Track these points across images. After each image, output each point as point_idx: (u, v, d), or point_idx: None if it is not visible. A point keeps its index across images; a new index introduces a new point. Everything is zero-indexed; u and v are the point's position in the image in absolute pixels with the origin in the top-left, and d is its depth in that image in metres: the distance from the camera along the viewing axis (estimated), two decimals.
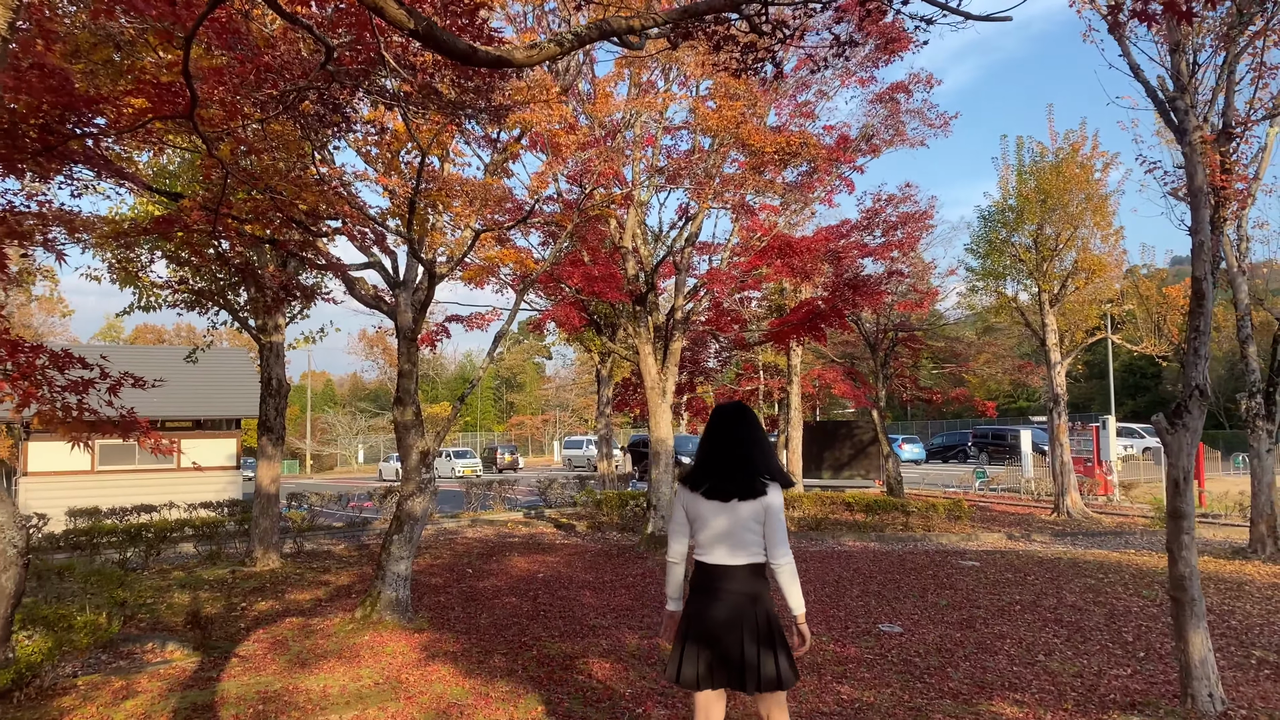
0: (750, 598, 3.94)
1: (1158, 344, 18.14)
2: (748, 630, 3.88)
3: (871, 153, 13.84)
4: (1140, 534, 15.76)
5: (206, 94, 4.06)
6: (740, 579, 3.95)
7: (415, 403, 8.88)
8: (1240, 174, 9.29)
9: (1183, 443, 5.88)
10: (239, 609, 9.83)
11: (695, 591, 4.04)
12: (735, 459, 4.03)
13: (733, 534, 3.94)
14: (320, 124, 4.88)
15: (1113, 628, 8.33)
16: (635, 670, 6.98)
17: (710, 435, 4.17)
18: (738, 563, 3.95)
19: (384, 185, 7.02)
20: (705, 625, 3.93)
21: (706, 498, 4.00)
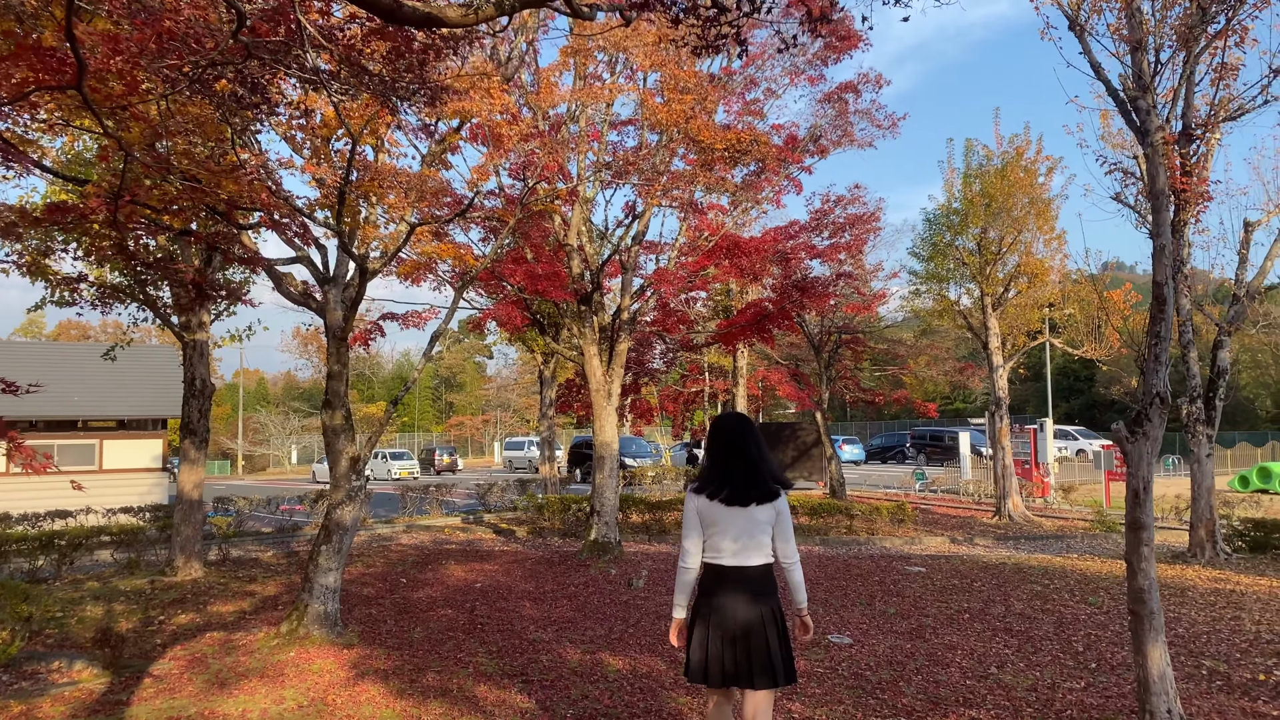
0: (766, 596, 4.22)
1: (1098, 348, 18.29)
2: (769, 626, 4.18)
3: (820, 153, 13.67)
4: (1081, 538, 15.83)
5: (101, 65, 3.64)
6: (757, 579, 4.22)
7: (345, 406, 8.43)
8: (1201, 177, 9.26)
9: (1143, 451, 5.71)
10: (156, 623, 9.27)
11: (713, 594, 4.25)
12: (749, 467, 4.24)
13: (748, 535, 4.20)
14: (239, 105, 4.47)
15: (1062, 636, 8.20)
16: (577, 688, 6.64)
17: (720, 445, 4.36)
18: (755, 563, 4.21)
19: (312, 174, 6.59)
20: (728, 625, 4.16)
21: (726, 504, 4.19)
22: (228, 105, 4.52)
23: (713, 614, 4.21)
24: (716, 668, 4.15)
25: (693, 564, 4.31)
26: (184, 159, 5.21)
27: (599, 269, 12.12)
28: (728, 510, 4.19)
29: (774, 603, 4.24)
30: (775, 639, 4.18)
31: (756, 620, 4.15)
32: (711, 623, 4.20)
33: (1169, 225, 5.66)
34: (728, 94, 12.07)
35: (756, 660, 4.12)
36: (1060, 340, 19.27)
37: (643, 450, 38.70)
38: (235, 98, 4.25)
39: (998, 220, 17.38)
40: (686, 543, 4.33)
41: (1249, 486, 25.06)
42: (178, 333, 11.83)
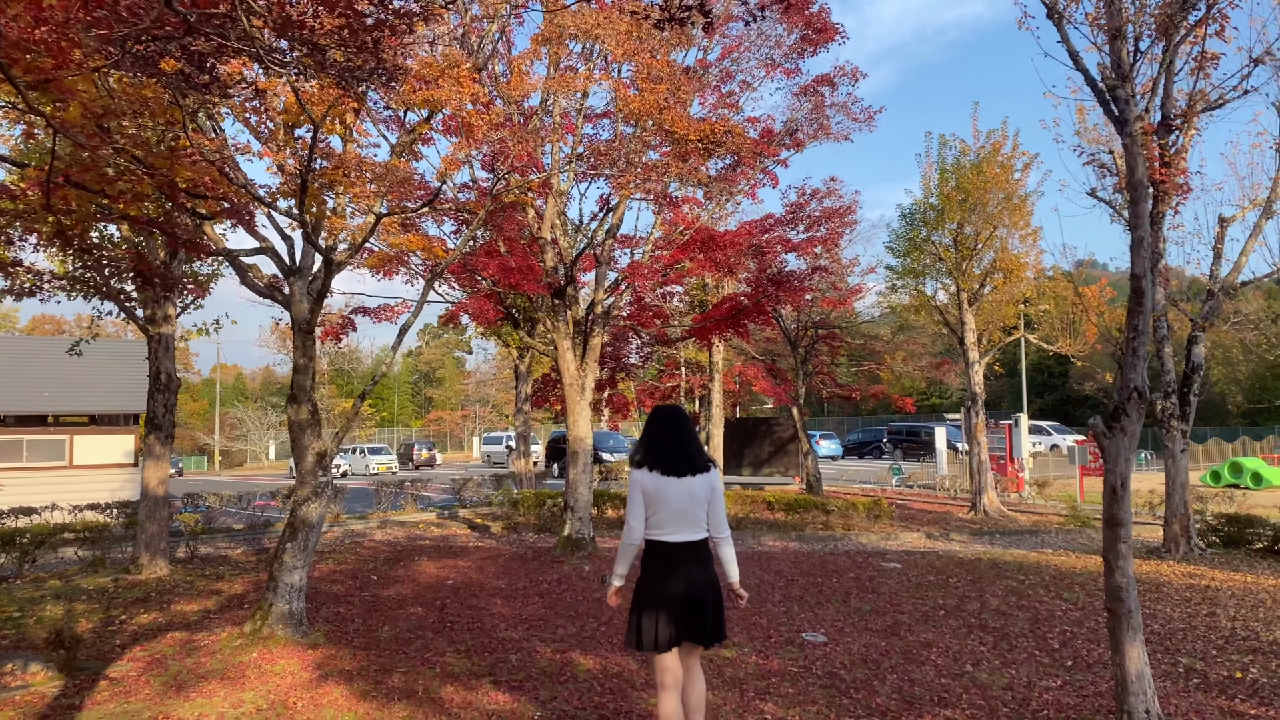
0: (706, 567, 4.70)
1: (1073, 344, 18.31)
2: (710, 595, 4.67)
3: (796, 147, 13.57)
4: (1055, 533, 15.84)
5: (24, 34, 3.45)
6: (697, 552, 4.68)
7: (311, 400, 8.24)
8: (1180, 168, 9.20)
9: (1120, 447, 5.63)
10: (117, 623, 9.05)
11: (656, 569, 4.68)
12: (684, 445, 4.75)
13: (688, 513, 4.62)
14: (186, 85, 4.27)
15: (1038, 634, 8.14)
16: (546, 689, 6.50)
17: (660, 430, 4.82)
18: (695, 538, 4.67)
19: (272, 160, 6.39)
20: (674, 595, 4.60)
21: (664, 475, 4.61)
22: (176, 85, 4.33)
23: (660, 587, 4.63)
24: (666, 635, 4.59)
25: (637, 538, 4.69)
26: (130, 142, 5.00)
27: (573, 262, 11.97)
28: (668, 481, 4.61)
29: (712, 571, 4.74)
30: (716, 604, 4.72)
31: (699, 588, 4.63)
32: (660, 595, 4.62)
33: (1148, 217, 5.58)
34: (703, 87, 11.94)
35: (710, 621, 4.67)
36: (1035, 336, 19.29)
37: (620, 445, 38.56)
38: (183, 76, 4.07)
39: (974, 216, 17.34)
40: (632, 519, 4.67)
41: (1221, 482, 25.25)
42: (142, 326, 11.58)
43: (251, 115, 6.10)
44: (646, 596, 4.68)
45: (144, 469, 11.44)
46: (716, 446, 20.59)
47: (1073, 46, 5.84)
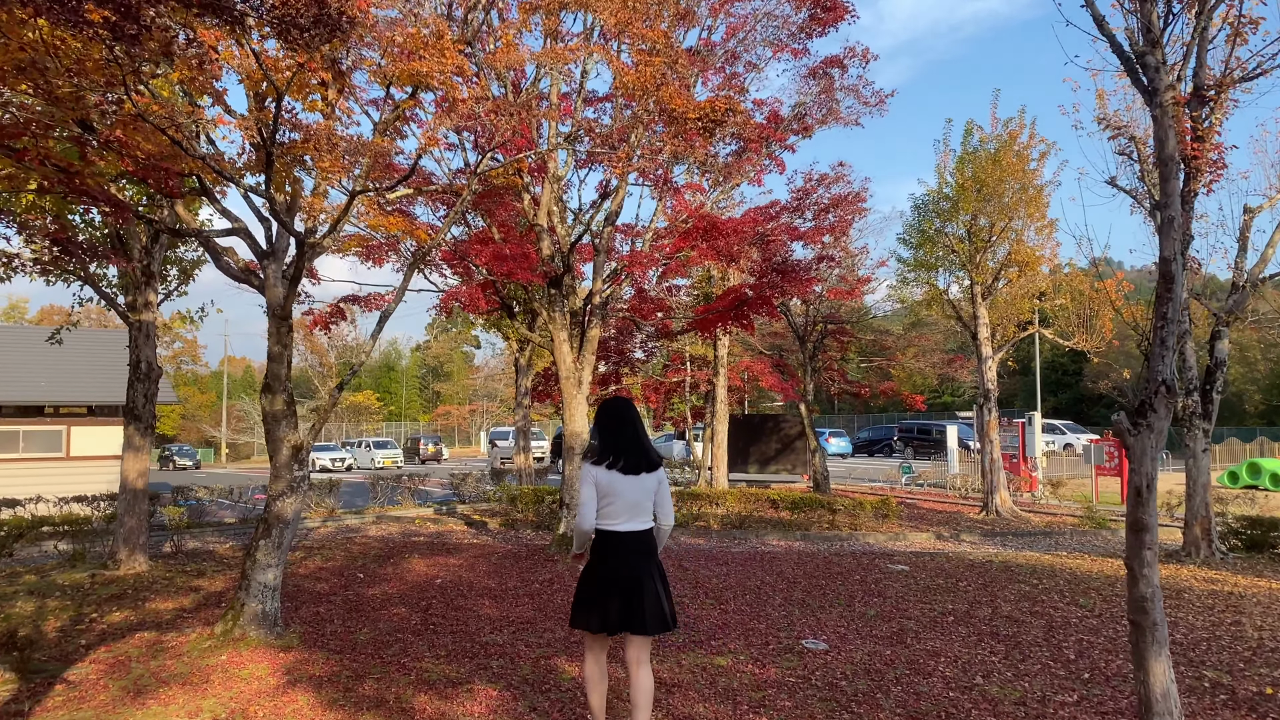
0: (651, 555, 4.94)
1: (1090, 339, 17.77)
2: (658, 581, 4.90)
3: (804, 132, 13.09)
4: (1070, 534, 15.35)
5: None
6: (645, 541, 4.92)
7: (287, 390, 7.83)
8: (1213, 143, 8.66)
9: (1146, 445, 5.15)
10: (87, 621, 8.66)
11: (606, 556, 4.88)
12: (639, 441, 4.94)
13: (639, 504, 4.87)
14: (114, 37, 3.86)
15: (1053, 643, 7.68)
16: (527, 699, 6.08)
17: (614, 424, 4.99)
18: (643, 528, 4.91)
19: (226, 126, 5.96)
20: (622, 580, 4.80)
21: (623, 474, 4.82)
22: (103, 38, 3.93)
23: (608, 573, 4.84)
24: (612, 618, 4.77)
25: (589, 528, 4.88)
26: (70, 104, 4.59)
27: (570, 250, 11.52)
28: (624, 479, 4.82)
29: (657, 560, 4.99)
30: (662, 591, 4.91)
31: (646, 576, 4.84)
32: (606, 580, 4.83)
33: (1178, 195, 5.10)
34: (706, 68, 11.47)
35: (650, 610, 4.79)
36: (1050, 332, 18.75)
37: None
38: (110, 26, 3.66)
39: (988, 207, 16.83)
40: (586, 509, 4.84)
41: (1238, 482, 24.71)
42: (122, 313, 11.20)
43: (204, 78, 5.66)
44: (593, 581, 4.91)
45: (123, 460, 11.05)
46: (721, 443, 20.12)
47: (1098, 10, 5.36)
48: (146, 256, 10.70)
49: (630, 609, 4.77)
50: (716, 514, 15.58)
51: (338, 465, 47.62)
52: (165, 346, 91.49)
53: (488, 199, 12.04)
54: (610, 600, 4.79)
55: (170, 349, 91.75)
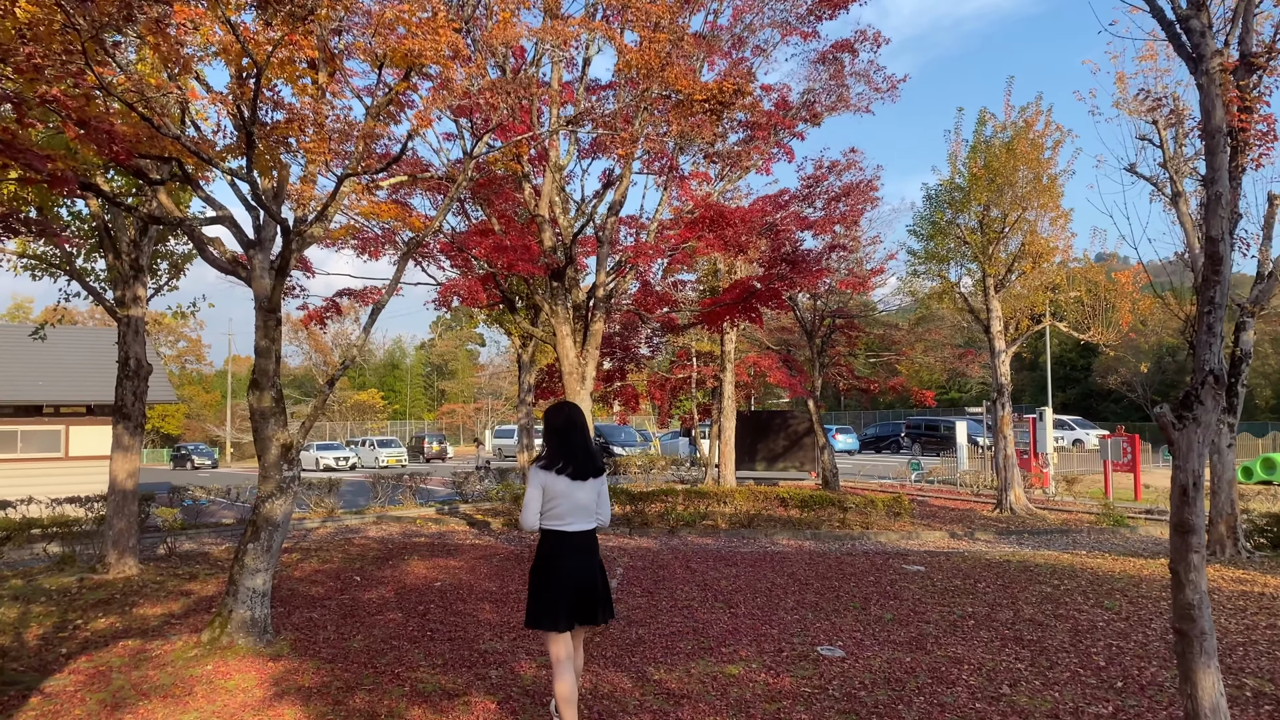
0: (595, 553, 5.28)
1: (1105, 332, 17.34)
2: (600, 577, 5.25)
3: (813, 119, 12.69)
4: (1087, 532, 14.95)
5: None
6: (591, 539, 5.26)
7: (276, 387, 7.47)
8: (1262, 114, 8.22)
9: (1193, 440, 4.77)
10: (71, 628, 8.32)
11: (556, 555, 5.12)
12: (586, 447, 5.21)
13: (588, 506, 5.17)
14: None
15: (1080, 648, 7.29)
16: (525, 712, 5.72)
17: (565, 430, 5.22)
18: (591, 527, 5.22)
19: (203, 102, 5.60)
20: (576, 579, 5.10)
21: (573, 479, 5.09)
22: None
23: (560, 573, 5.09)
24: (564, 616, 5.03)
25: (534, 528, 5.13)
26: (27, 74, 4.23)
27: (572, 241, 11.13)
28: (572, 484, 5.08)
29: (599, 557, 5.32)
30: (605, 585, 5.30)
31: (594, 571, 5.20)
32: (560, 580, 5.08)
33: (1226, 170, 4.72)
34: (713, 52, 11.08)
35: (601, 603, 5.21)
36: (1065, 325, 18.33)
37: (631, 439, 37.78)
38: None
39: (1001, 197, 16.42)
40: (530, 513, 5.10)
41: (1253, 478, 24.30)
42: (109, 308, 10.85)
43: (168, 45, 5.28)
44: (548, 581, 5.12)
45: (112, 461, 10.69)
46: (729, 440, 19.73)
47: None
48: (135, 250, 10.35)
49: (585, 603, 5.12)
50: (724, 513, 15.20)
51: (341, 464, 47.36)
52: (169, 346, 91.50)
53: (487, 189, 11.68)
54: (567, 597, 5.07)
55: (175, 348, 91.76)
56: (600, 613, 5.21)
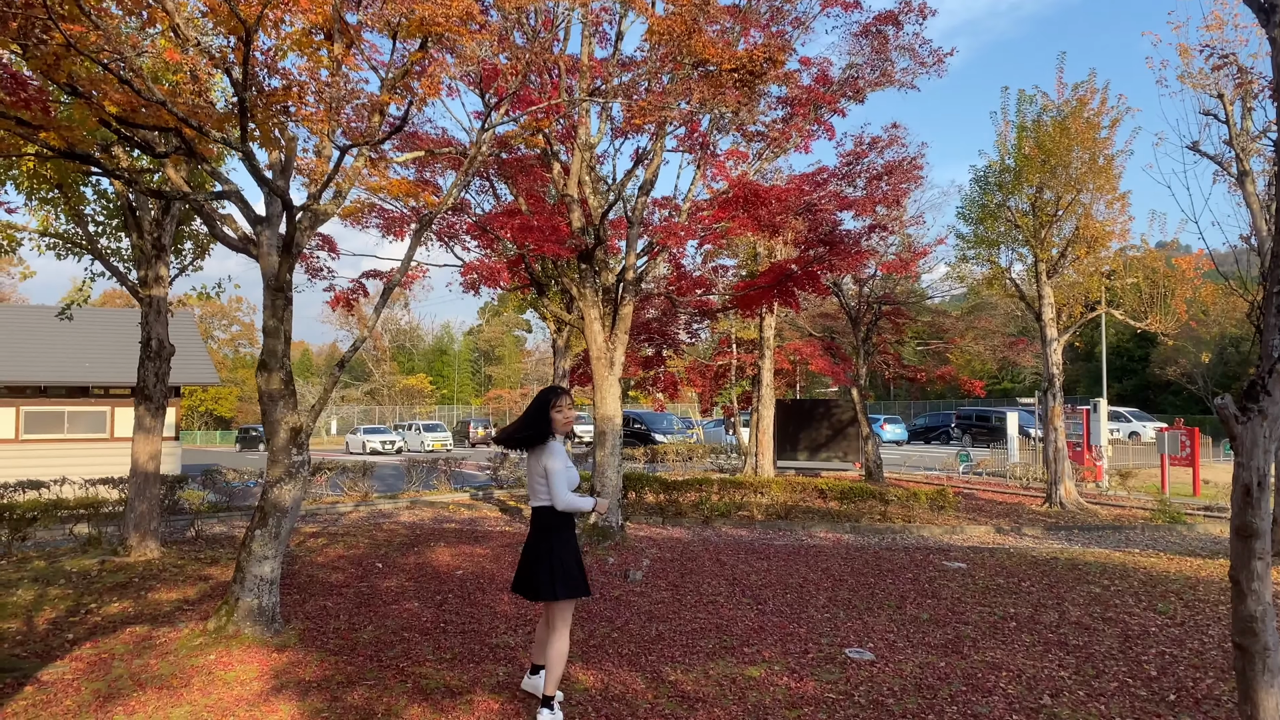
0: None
1: (1164, 320, 16.57)
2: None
3: (855, 96, 12.18)
4: (1141, 529, 14.31)
5: None
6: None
7: (285, 368, 7.22)
8: None
9: (1258, 434, 4.30)
10: (83, 612, 8.18)
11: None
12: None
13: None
14: None
15: (1130, 655, 6.80)
16: (530, 712, 5.41)
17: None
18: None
19: (173, 61, 5.30)
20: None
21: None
22: None
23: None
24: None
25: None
26: None
27: (601, 221, 10.76)
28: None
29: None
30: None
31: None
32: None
33: None
34: (749, 24, 10.60)
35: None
36: (1121, 312, 17.57)
37: (670, 426, 37.38)
38: None
39: (1055, 178, 15.74)
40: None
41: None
42: (131, 288, 10.73)
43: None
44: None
45: (134, 442, 10.58)
46: (767, 429, 19.27)
47: None
48: (157, 229, 10.20)
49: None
50: (760, 504, 14.79)
51: (388, 448, 47.74)
52: (223, 330, 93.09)
53: (512, 167, 11.40)
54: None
55: (228, 332, 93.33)
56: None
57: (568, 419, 5.33)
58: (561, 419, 5.30)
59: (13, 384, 22.03)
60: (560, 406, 5.31)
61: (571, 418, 5.38)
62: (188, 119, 5.13)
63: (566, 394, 5.44)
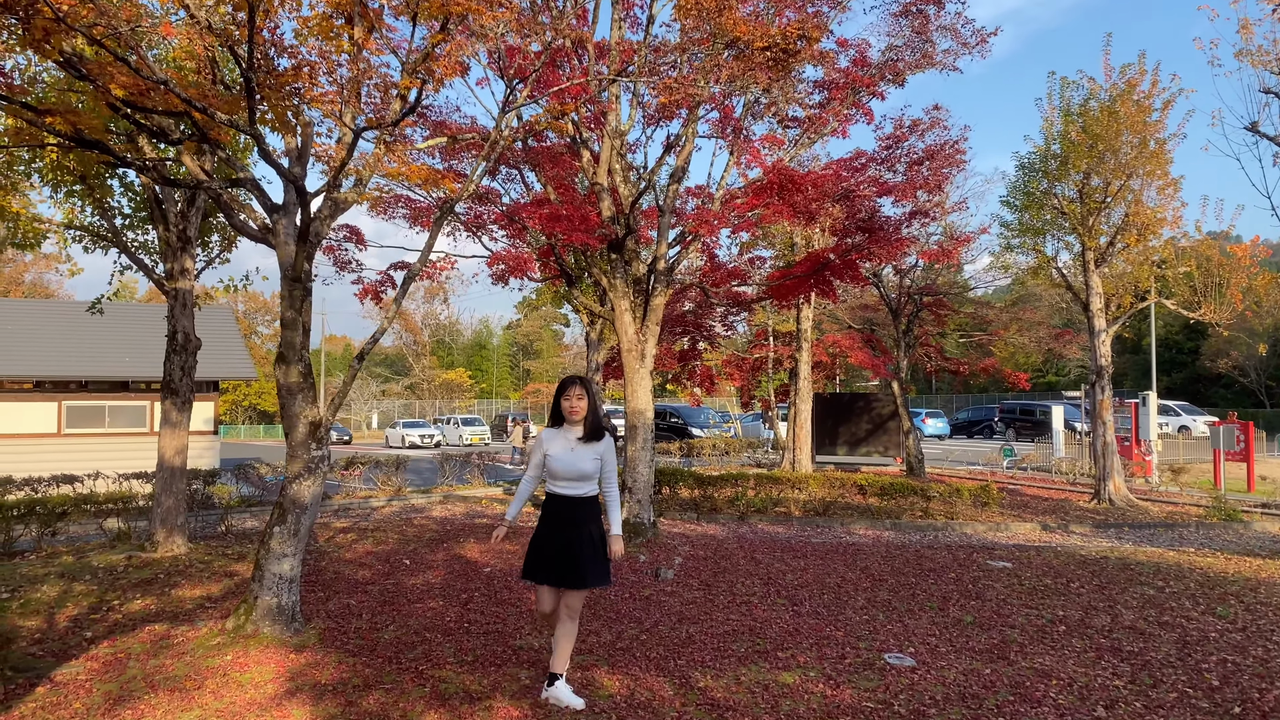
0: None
1: (1218, 310, 15.95)
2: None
3: (895, 79, 11.76)
4: (1195, 527, 13.77)
5: None
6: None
7: (303, 360, 7.02)
8: None
9: None
10: (105, 609, 8.07)
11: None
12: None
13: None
14: None
15: (1189, 663, 6.40)
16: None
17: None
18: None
19: (172, 38, 5.09)
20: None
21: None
22: None
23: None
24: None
25: None
26: None
27: (630, 208, 10.46)
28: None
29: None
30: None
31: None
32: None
33: None
34: (784, 4, 10.22)
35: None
36: (1173, 302, 16.96)
37: (705, 421, 37.02)
38: None
39: (1103, 164, 15.20)
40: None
41: None
42: (159, 281, 10.62)
43: None
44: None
45: (160, 437, 10.48)
46: (804, 424, 18.87)
47: None
48: (183, 221, 10.08)
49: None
50: (798, 499, 14.44)
51: (426, 441, 48.00)
52: (267, 325, 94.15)
53: (541, 156, 11.15)
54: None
55: (271, 327, 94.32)
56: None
57: (571, 408, 5.38)
58: (567, 407, 5.39)
59: (55, 379, 22.26)
60: (569, 395, 5.40)
61: (578, 406, 5.40)
62: (193, 101, 4.92)
63: (577, 383, 5.47)
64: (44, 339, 23.46)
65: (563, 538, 5.31)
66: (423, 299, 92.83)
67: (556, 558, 5.30)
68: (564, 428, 5.44)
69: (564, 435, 5.42)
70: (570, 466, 5.34)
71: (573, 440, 5.39)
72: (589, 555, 5.27)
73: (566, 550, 5.28)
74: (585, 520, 5.37)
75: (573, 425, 5.42)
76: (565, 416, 5.41)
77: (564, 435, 5.42)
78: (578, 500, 5.38)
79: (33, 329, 24.18)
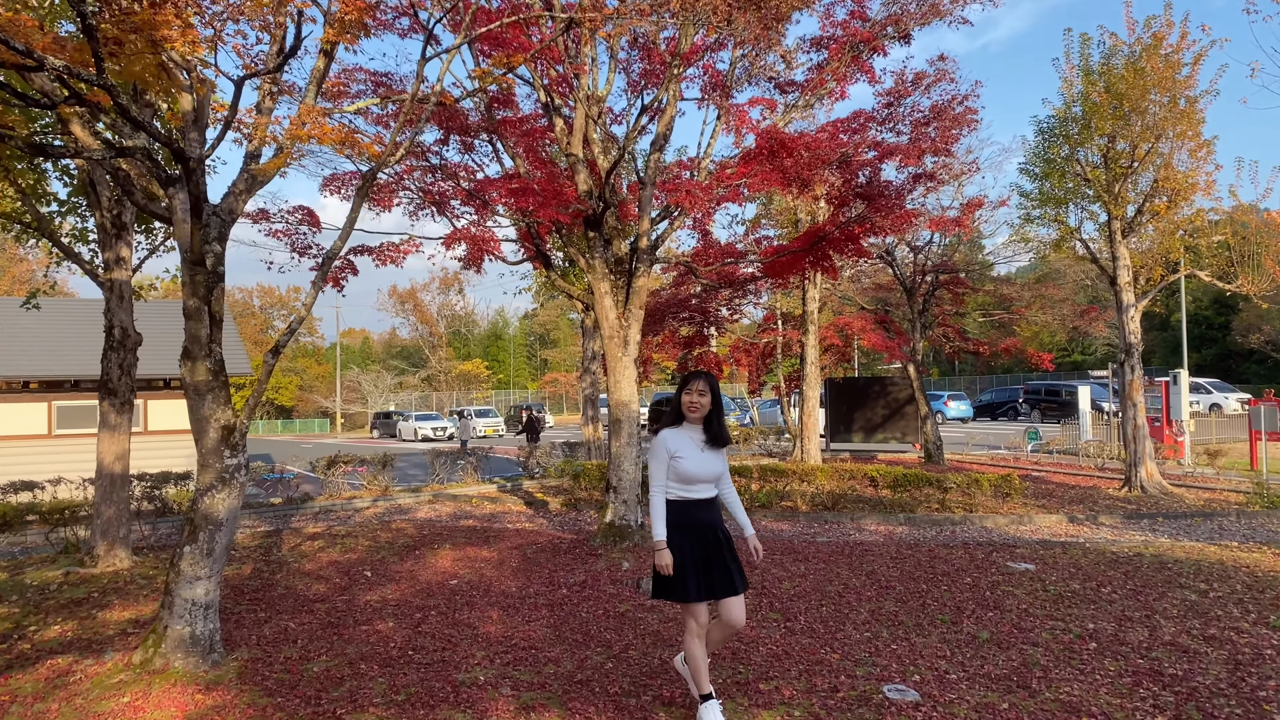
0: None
1: (1256, 281, 14.80)
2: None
3: (899, 35, 10.73)
4: (1236, 516, 12.68)
5: None
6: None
7: (212, 356, 6.12)
8: None
9: None
10: (19, 636, 7.24)
11: None
12: None
13: None
14: None
15: (1243, 690, 5.42)
16: None
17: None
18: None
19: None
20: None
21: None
22: None
23: None
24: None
25: None
26: None
27: (606, 180, 9.49)
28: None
29: None
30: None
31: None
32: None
33: None
34: None
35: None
36: (1206, 273, 15.81)
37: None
38: None
39: (1129, 126, 14.08)
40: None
41: None
42: (89, 271, 9.78)
43: None
44: None
45: (99, 441, 9.63)
46: (811, 411, 17.84)
47: None
48: (117, 205, 9.23)
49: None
50: (805, 493, 13.47)
51: (439, 434, 47.36)
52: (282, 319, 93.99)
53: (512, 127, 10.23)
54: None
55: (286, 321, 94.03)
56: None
57: (693, 404, 4.94)
58: (688, 403, 4.95)
59: (45, 379, 21.62)
60: (690, 391, 4.97)
61: (699, 403, 4.93)
62: (10, 41, 4.03)
63: (701, 378, 5.01)
64: (36, 337, 22.80)
65: (703, 545, 4.88)
66: (437, 290, 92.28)
67: (709, 567, 4.86)
68: (684, 426, 4.99)
69: (688, 435, 4.95)
70: (705, 468, 4.88)
71: (699, 440, 4.94)
72: (731, 556, 4.93)
73: (719, 557, 4.89)
74: (718, 522, 5.01)
75: (692, 424, 4.98)
76: (685, 414, 4.99)
77: (688, 435, 4.95)
78: (709, 502, 4.99)
79: (28, 327, 23.51)
